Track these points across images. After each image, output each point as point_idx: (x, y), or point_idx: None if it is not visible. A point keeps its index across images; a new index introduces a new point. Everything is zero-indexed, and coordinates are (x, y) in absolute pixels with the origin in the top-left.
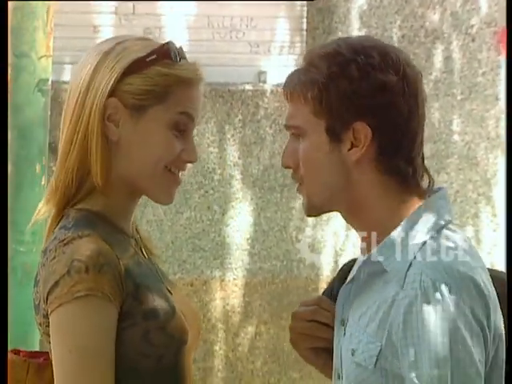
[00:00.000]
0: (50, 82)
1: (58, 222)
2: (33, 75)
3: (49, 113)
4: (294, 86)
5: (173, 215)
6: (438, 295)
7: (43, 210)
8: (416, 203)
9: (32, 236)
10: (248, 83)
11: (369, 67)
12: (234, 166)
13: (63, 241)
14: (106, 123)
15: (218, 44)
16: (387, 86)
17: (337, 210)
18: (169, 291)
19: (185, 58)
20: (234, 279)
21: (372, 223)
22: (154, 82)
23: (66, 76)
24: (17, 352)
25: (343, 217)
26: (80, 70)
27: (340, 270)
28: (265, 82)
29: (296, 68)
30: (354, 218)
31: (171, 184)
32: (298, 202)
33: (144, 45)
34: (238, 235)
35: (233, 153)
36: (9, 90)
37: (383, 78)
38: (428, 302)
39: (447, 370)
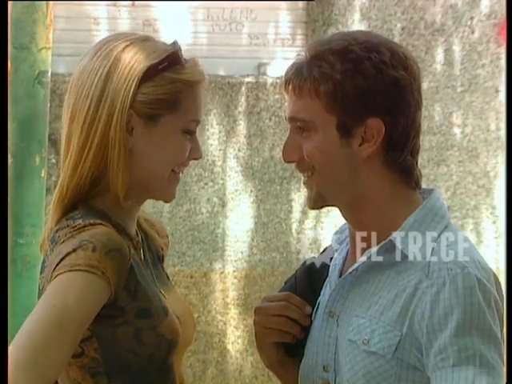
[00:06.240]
0: (49, 74)
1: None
2: (32, 67)
3: (48, 105)
4: (303, 79)
5: (172, 207)
6: (466, 283)
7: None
8: (417, 199)
9: (32, 228)
10: (248, 75)
11: (382, 64)
12: (234, 158)
13: (75, 227)
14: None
15: (217, 36)
16: (399, 82)
17: (338, 205)
18: (162, 294)
19: (184, 57)
20: (234, 271)
21: (375, 218)
22: (165, 89)
23: (66, 68)
24: None
25: (343, 212)
26: (88, 73)
27: (302, 266)
28: (264, 74)
29: (298, 61)
30: (357, 213)
31: (175, 183)
32: (298, 195)
33: (152, 49)
34: (238, 227)
35: (232, 145)
36: (8, 81)
37: (395, 74)
38: (456, 290)
39: (476, 356)
